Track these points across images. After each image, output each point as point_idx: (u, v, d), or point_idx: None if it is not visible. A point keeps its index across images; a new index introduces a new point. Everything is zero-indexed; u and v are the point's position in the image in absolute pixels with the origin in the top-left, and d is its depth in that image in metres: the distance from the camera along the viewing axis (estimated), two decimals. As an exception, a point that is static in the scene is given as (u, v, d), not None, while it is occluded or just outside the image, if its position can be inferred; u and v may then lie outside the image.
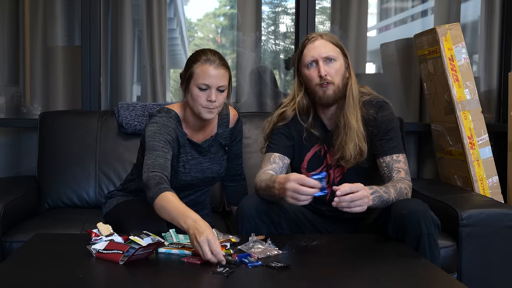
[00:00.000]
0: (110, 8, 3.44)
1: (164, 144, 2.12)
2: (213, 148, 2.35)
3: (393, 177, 2.23)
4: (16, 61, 3.45)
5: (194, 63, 2.18)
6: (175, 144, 2.21)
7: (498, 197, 3.02)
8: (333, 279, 1.75)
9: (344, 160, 2.27)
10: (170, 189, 1.98)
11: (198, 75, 2.15)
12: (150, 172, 2.02)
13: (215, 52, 2.22)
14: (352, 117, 2.25)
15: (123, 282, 1.73)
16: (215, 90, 2.16)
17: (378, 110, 2.31)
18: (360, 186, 2.00)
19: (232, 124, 2.40)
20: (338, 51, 2.29)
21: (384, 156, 2.27)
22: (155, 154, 2.08)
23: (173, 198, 1.94)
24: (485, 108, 3.41)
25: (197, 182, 2.35)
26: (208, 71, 2.14)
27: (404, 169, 2.26)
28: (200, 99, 2.15)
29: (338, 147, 2.27)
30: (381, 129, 2.29)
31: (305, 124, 2.33)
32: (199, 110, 2.18)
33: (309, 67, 2.28)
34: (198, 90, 2.15)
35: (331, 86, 2.25)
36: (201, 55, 2.18)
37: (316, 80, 2.26)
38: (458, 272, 2.49)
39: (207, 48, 2.26)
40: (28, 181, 3.01)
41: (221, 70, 2.16)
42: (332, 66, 2.26)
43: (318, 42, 2.28)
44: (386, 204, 2.12)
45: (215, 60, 2.16)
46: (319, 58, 2.26)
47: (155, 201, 1.96)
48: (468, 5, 3.69)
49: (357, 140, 2.24)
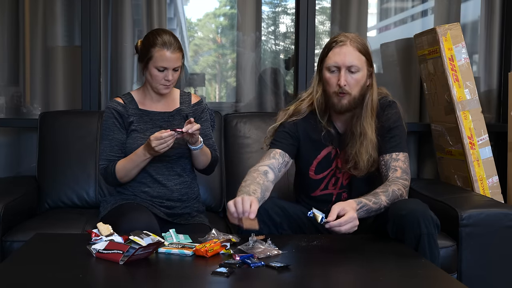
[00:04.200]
0: (110, 8, 3.44)
1: (110, 141, 2.47)
2: (176, 121, 2.52)
3: (389, 176, 2.23)
4: (16, 61, 3.45)
5: (152, 47, 2.40)
6: (122, 122, 2.48)
7: (498, 197, 3.02)
8: (333, 279, 1.75)
9: (357, 169, 2.27)
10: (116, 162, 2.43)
11: (156, 58, 2.40)
12: (100, 166, 2.48)
13: (170, 34, 2.44)
14: (368, 127, 2.25)
15: (123, 282, 1.73)
16: (171, 70, 2.42)
17: (385, 109, 2.31)
18: (347, 208, 2.03)
19: (193, 102, 2.61)
20: (363, 60, 2.25)
21: (384, 154, 2.27)
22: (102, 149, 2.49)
23: (123, 160, 2.42)
24: (485, 108, 3.41)
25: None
26: (165, 55, 2.39)
27: (402, 167, 2.25)
28: (158, 78, 2.43)
29: (352, 156, 2.26)
30: (385, 128, 2.29)
31: (323, 122, 2.32)
32: (157, 87, 2.46)
33: (330, 71, 2.25)
34: (156, 70, 2.42)
35: (347, 97, 2.24)
36: (158, 38, 2.41)
37: (334, 87, 2.24)
38: (458, 272, 2.49)
39: (160, 29, 2.52)
40: (28, 181, 3.01)
41: (176, 54, 2.41)
42: (354, 76, 2.23)
43: (346, 48, 2.23)
44: (377, 213, 2.14)
45: (171, 44, 2.40)
46: (342, 66, 2.22)
47: (116, 175, 2.42)
48: (468, 5, 3.69)
49: (370, 151, 2.24)
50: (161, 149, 2.29)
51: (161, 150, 2.30)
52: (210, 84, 3.94)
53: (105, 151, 2.47)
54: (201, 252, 1.87)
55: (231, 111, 3.55)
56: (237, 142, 3.08)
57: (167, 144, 2.28)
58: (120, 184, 2.49)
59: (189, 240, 2.03)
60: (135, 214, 2.28)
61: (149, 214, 2.34)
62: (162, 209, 2.45)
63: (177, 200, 2.48)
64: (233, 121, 3.12)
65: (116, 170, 2.43)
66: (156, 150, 2.29)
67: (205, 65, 3.92)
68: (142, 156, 2.37)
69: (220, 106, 3.73)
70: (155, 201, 2.46)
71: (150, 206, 2.42)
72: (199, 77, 3.85)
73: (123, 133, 2.48)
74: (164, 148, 2.29)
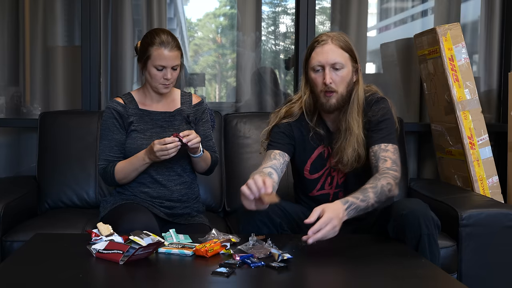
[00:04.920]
0: (110, 8, 3.44)
1: (109, 141, 2.47)
2: (177, 122, 2.52)
3: (379, 167, 2.20)
4: (16, 61, 3.46)
5: (150, 46, 2.41)
6: (121, 122, 2.48)
7: (498, 197, 3.02)
8: (333, 279, 1.75)
9: (342, 164, 2.27)
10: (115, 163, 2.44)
11: (155, 57, 2.40)
12: (99, 166, 2.49)
13: (168, 33, 2.45)
14: (354, 122, 2.25)
15: (123, 282, 1.73)
16: (170, 69, 2.42)
17: (372, 105, 2.31)
18: (326, 218, 1.96)
19: (194, 102, 2.61)
20: (346, 56, 2.25)
21: (373, 146, 2.25)
22: (102, 149, 2.49)
23: (123, 162, 2.43)
24: (485, 108, 3.41)
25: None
26: (163, 54, 2.40)
27: (392, 158, 2.22)
28: (157, 77, 2.43)
29: (337, 150, 2.27)
30: (372, 122, 2.28)
31: (311, 123, 2.33)
32: (156, 86, 2.46)
33: (315, 71, 2.26)
34: (155, 70, 2.42)
35: (335, 95, 2.24)
36: (156, 37, 2.42)
37: (320, 86, 2.25)
38: (458, 272, 2.49)
39: (158, 29, 2.52)
40: (28, 181, 3.01)
41: (175, 52, 2.42)
42: (338, 74, 2.24)
43: (327, 47, 2.24)
44: (366, 211, 2.11)
45: (169, 43, 2.41)
46: (326, 64, 2.23)
47: (115, 177, 2.43)
48: (468, 5, 3.69)
49: (356, 146, 2.24)
50: (161, 155, 2.29)
51: (161, 157, 2.30)
52: (210, 84, 3.94)
53: (104, 151, 2.47)
54: (201, 252, 1.87)
55: (231, 111, 3.56)
56: (237, 142, 3.09)
57: (168, 152, 2.28)
58: (119, 185, 2.49)
59: (189, 240, 2.03)
60: (135, 214, 2.28)
61: (149, 214, 2.34)
62: (162, 209, 2.45)
63: (177, 200, 2.48)
64: (233, 121, 3.12)
65: (115, 172, 2.43)
66: (158, 155, 2.29)
67: (205, 65, 3.92)
68: (142, 160, 2.38)
69: (220, 106, 3.73)
70: (155, 202, 2.46)
71: (150, 206, 2.42)
72: (199, 77, 3.85)
73: (122, 134, 2.48)
74: (165, 156, 2.29)
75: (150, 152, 2.32)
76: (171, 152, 2.29)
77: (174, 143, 2.27)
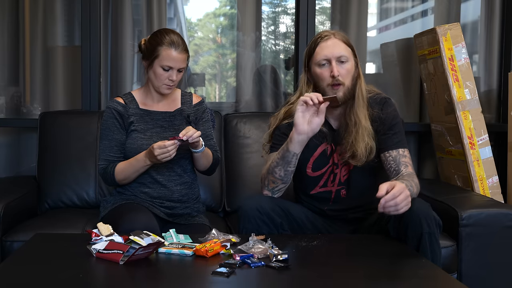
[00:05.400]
0: (110, 8, 3.44)
1: (109, 141, 2.47)
2: (177, 121, 2.52)
3: (401, 171, 2.23)
4: (16, 61, 3.45)
5: (159, 45, 2.40)
6: (122, 122, 2.48)
7: (498, 197, 3.02)
8: (333, 279, 1.75)
9: (355, 159, 2.27)
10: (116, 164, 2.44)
11: (163, 57, 2.40)
12: (99, 166, 2.49)
13: (178, 35, 2.45)
14: (362, 116, 2.26)
15: (123, 282, 1.73)
16: (176, 71, 2.42)
17: (383, 106, 2.33)
18: (400, 187, 1.97)
19: (195, 102, 2.60)
20: (349, 51, 2.30)
21: (390, 150, 2.28)
22: (102, 149, 2.49)
23: (123, 163, 2.43)
24: (485, 108, 3.41)
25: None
26: (172, 55, 2.40)
27: (411, 164, 2.27)
28: (162, 77, 2.43)
29: (349, 146, 2.27)
30: (385, 125, 2.30)
31: None
32: (159, 86, 2.46)
33: (321, 66, 2.27)
34: (161, 69, 2.42)
35: (342, 88, 2.25)
36: (166, 37, 2.41)
37: (327, 80, 2.26)
38: (458, 272, 2.49)
39: (168, 29, 2.51)
40: (28, 181, 3.01)
41: (183, 55, 2.42)
42: (344, 66, 2.26)
43: (332, 41, 2.28)
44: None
45: (179, 45, 2.41)
46: (332, 58, 2.25)
47: (115, 178, 2.42)
48: (468, 5, 3.69)
49: (367, 139, 2.25)
50: (163, 158, 2.29)
51: (163, 159, 2.29)
52: (210, 84, 3.94)
53: (105, 151, 2.47)
54: (201, 252, 1.87)
55: (231, 111, 3.55)
56: (237, 142, 3.08)
57: (169, 154, 2.28)
58: (119, 185, 2.49)
59: (189, 240, 2.03)
60: (135, 214, 2.28)
61: (149, 214, 2.34)
62: (162, 210, 2.45)
63: (177, 200, 2.48)
64: (233, 121, 3.12)
65: (115, 173, 2.43)
66: (159, 159, 2.29)
67: (205, 65, 3.92)
68: (143, 162, 2.37)
69: (220, 106, 3.73)
70: (155, 202, 2.46)
71: (150, 206, 2.42)
72: (199, 77, 3.85)
73: (122, 134, 2.48)
74: (166, 158, 2.29)
75: (151, 156, 2.32)
76: (172, 152, 2.28)
77: (173, 144, 2.28)
